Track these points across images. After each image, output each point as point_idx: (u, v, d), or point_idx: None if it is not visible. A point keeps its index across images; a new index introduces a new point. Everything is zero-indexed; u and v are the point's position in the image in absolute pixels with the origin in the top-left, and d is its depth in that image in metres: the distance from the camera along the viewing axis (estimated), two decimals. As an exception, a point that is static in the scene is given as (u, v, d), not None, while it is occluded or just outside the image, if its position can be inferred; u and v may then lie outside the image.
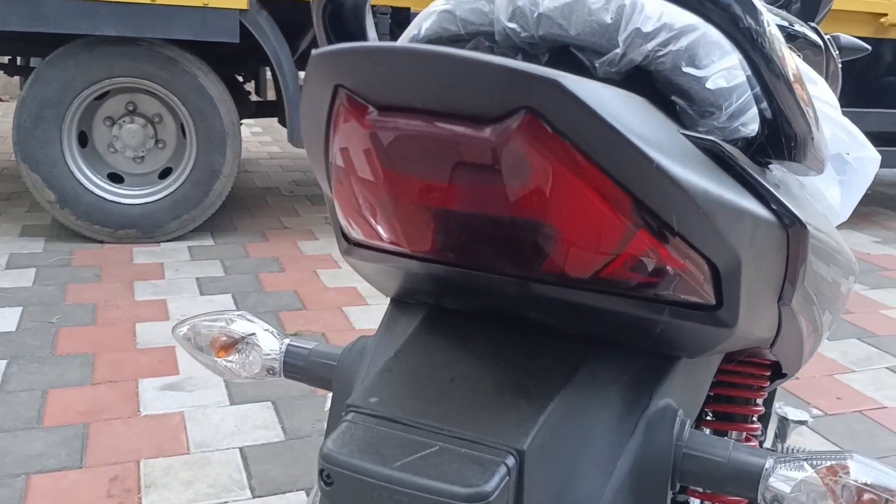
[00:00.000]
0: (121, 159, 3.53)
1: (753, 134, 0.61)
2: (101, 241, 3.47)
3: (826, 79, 1.35)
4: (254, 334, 0.73)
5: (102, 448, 1.94)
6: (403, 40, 0.73)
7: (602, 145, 0.48)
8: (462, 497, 0.49)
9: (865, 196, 5.59)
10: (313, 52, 0.54)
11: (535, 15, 0.64)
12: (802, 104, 0.57)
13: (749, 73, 0.60)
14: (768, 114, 0.57)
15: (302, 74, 4.27)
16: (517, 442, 0.52)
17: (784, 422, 1.40)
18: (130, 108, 3.49)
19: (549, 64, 0.64)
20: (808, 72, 0.79)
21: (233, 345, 0.73)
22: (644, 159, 0.48)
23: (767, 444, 1.32)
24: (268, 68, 4.46)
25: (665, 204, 0.50)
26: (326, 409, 0.84)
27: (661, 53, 0.63)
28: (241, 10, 3.29)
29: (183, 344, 0.77)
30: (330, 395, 0.74)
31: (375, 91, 0.51)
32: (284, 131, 6.39)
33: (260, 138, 6.31)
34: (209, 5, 3.24)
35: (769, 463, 0.58)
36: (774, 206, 0.57)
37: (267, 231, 3.82)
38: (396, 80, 0.50)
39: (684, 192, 0.50)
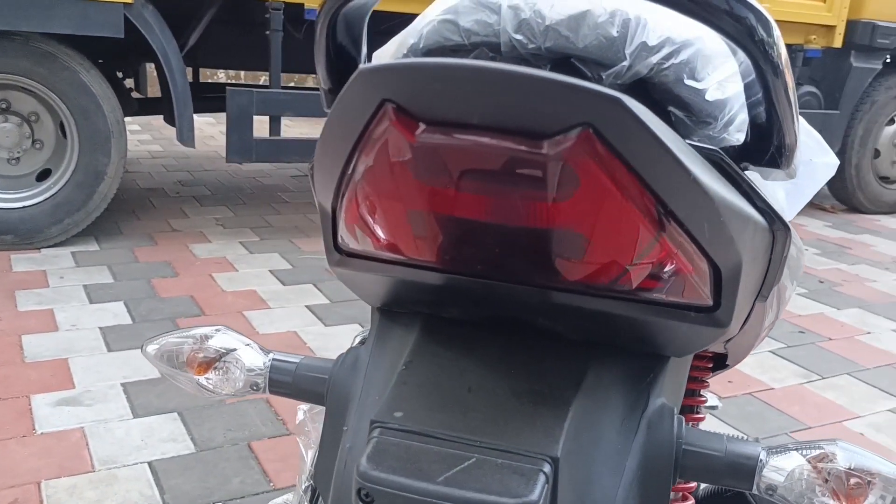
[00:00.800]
0: (-7, 160, 3.31)
1: (740, 142, 0.64)
2: (-26, 249, 3.24)
3: None
4: (235, 350, 0.70)
5: (1, 471, 1.82)
6: (401, 48, 0.72)
7: (650, 161, 0.50)
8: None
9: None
10: (361, 67, 0.52)
11: (543, 27, 0.65)
12: (796, 113, 0.60)
13: (749, 81, 0.63)
14: (762, 122, 0.60)
15: (190, 70, 4.12)
16: (550, 449, 0.53)
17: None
18: (3, 106, 3.27)
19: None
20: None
21: (212, 362, 0.70)
22: (685, 173, 0.50)
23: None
24: (149, 64, 4.29)
25: (695, 214, 0.53)
26: (298, 422, 0.82)
27: (664, 66, 0.65)
28: (126, 4, 3.14)
29: (155, 363, 0.73)
30: (304, 407, 0.72)
31: (429, 106, 0.51)
32: (165, 129, 6.17)
33: (139, 136, 6.05)
34: (91, -2, 3.08)
35: (763, 454, 0.61)
36: (765, 211, 0.60)
37: (155, 234, 3.67)
38: (454, 95, 0.50)
39: (711, 201, 0.52)
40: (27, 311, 2.70)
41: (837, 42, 4.85)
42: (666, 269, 0.55)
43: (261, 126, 3.52)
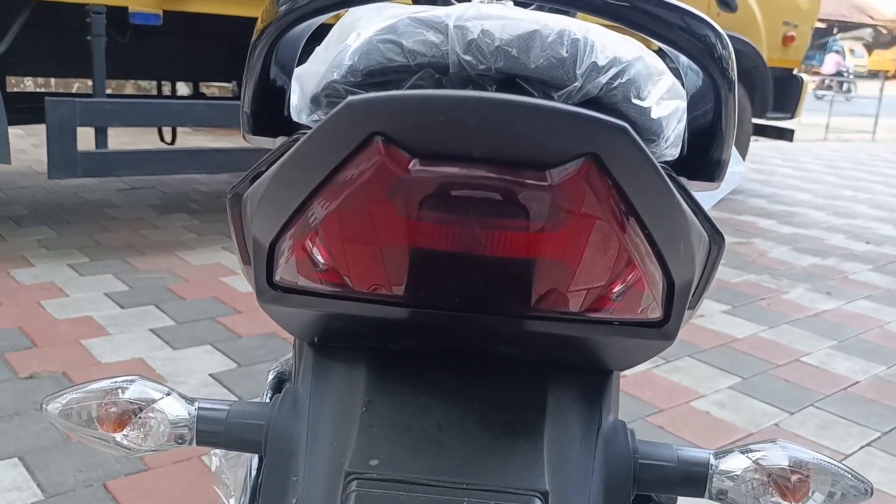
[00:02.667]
0: None
1: (675, 157, 0.65)
2: None
3: None
4: (154, 401, 0.62)
5: None
6: (335, 69, 0.66)
7: (645, 189, 0.49)
8: None
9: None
10: (350, 98, 0.47)
11: (493, 48, 0.62)
12: (734, 128, 0.61)
13: (693, 96, 0.64)
14: (704, 137, 0.61)
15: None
16: (538, 484, 0.51)
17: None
18: None
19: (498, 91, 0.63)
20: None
21: (129, 417, 0.61)
22: (672, 198, 0.49)
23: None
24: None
25: (673, 236, 0.52)
26: (215, 468, 0.75)
27: (613, 86, 0.64)
28: (-80, 7, 2.83)
29: (60, 423, 0.63)
30: (218, 452, 0.65)
31: (427, 140, 0.47)
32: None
33: (-64, 153, 5.47)
34: None
35: (712, 459, 0.62)
36: (707, 223, 0.61)
37: (-32, 260, 3.33)
38: (455, 128, 0.46)
39: (688, 222, 0.52)
40: None
41: (652, 46, 5.17)
42: (634, 288, 0.55)
43: (85, 138, 3.27)
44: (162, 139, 4.77)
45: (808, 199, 6.47)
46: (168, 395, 0.64)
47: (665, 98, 0.67)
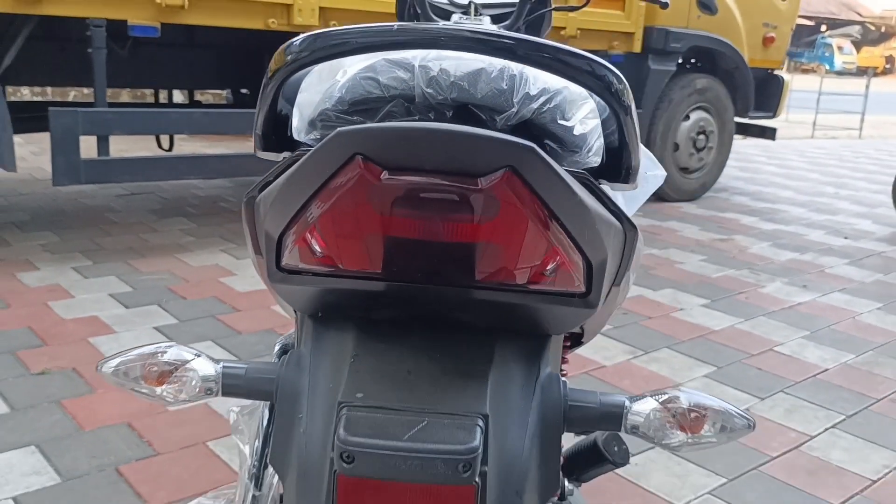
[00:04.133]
0: None
1: (597, 164, 0.79)
2: None
3: None
4: (187, 361, 0.77)
5: None
6: (326, 99, 0.81)
7: (554, 191, 0.64)
8: (461, 452, 0.63)
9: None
10: (339, 129, 0.63)
11: (448, 82, 0.77)
12: (638, 140, 0.76)
13: (605, 118, 0.78)
14: (616, 149, 0.76)
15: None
16: (480, 409, 0.66)
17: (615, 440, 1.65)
18: None
19: (453, 119, 0.78)
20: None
21: (168, 374, 0.76)
22: (576, 198, 0.65)
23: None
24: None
25: (580, 226, 0.67)
26: (233, 422, 0.89)
27: (543, 110, 0.79)
28: (-70, 23, 2.96)
29: (112, 380, 0.78)
30: (234, 409, 0.80)
31: (393, 157, 0.62)
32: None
33: (-62, 161, 5.59)
34: None
35: (627, 402, 0.77)
36: (620, 216, 0.76)
37: (-24, 265, 3.46)
38: (412, 150, 0.61)
39: (591, 215, 0.67)
40: None
41: (637, 47, 5.33)
42: (558, 266, 0.70)
43: (85, 146, 3.41)
44: (160, 146, 4.90)
45: (791, 196, 6.63)
46: (198, 356, 0.78)
47: (586, 118, 0.82)
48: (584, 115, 0.81)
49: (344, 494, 0.67)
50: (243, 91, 5.18)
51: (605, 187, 0.81)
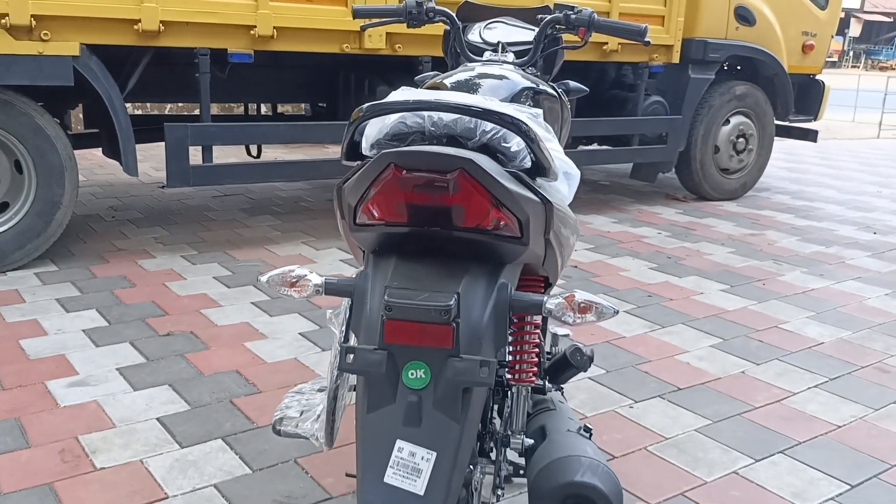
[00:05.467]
0: (-45, 197, 3.75)
1: (527, 167, 1.34)
2: (-54, 276, 3.68)
3: (562, 118, 2.18)
4: (307, 275, 1.35)
5: (40, 433, 2.36)
6: (380, 131, 1.38)
7: (487, 181, 1.20)
8: (444, 305, 1.17)
9: (604, 186, 6.77)
10: (383, 151, 1.19)
11: (443, 124, 1.32)
12: (549, 155, 1.31)
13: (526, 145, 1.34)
14: (535, 160, 1.31)
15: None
16: (457, 289, 1.22)
17: (555, 336, 2.19)
18: (-37, 149, 3.72)
19: (446, 144, 1.33)
20: (548, 135, 1.56)
21: (296, 282, 1.34)
22: (496, 181, 1.20)
23: (547, 347, 2.11)
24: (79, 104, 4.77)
25: (510, 201, 1.22)
26: (328, 318, 1.48)
27: (494, 137, 1.33)
28: (74, 57, 3.67)
29: (266, 287, 1.37)
30: (346, 300, 1.40)
31: (408, 164, 1.18)
32: (83, 161, 6.55)
33: (58, 168, 6.42)
34: (44, 53, 3.59)
35: (545, 299, 1.31)
36: (539, 194, 1.31)
37: (104, 254, 4.17)
38: (418, 161, 1.18)
39: (511, 194, 1.22)
40: (16, 321, 3.20)
41: (675, 58, 5.78)
42: (501, 222, 1.25)
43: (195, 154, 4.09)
44: (249, 153, 5.59)
45: (832, 195, 6.95)
46: (312, 273, 1.36)
47: (518, 143, 1.37)
48: (515, 141, 1.35)
49: (388, 330, 1.20)
50: (321, 105, 5.84)
51: (540, 180, 1.36)
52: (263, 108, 5.73)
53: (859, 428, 2.67)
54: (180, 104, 7.29)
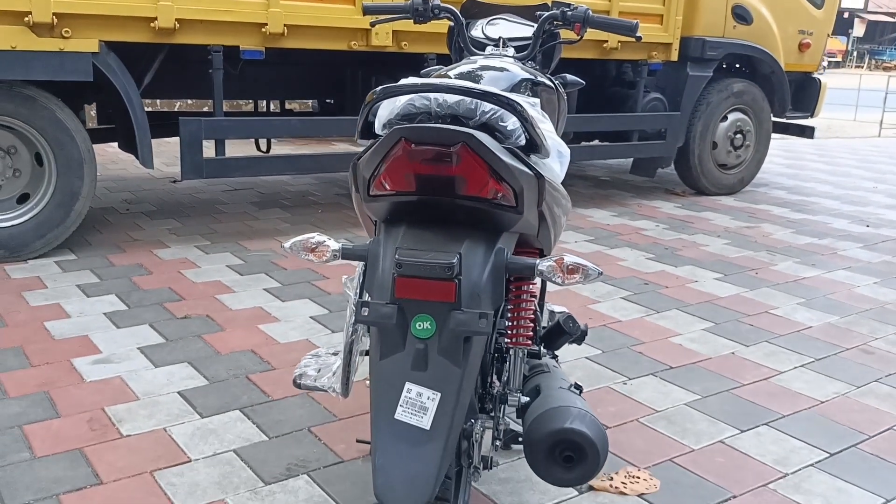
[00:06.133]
0: (-22, 189, 3.91)
1: (523, 143, 1.49)
2: (-29, 263, 3.85)
3: (559, 109, 2.34)
4: (325, 241, 1.50)
5: (69, 404, 2.52)
6: (391, 112, 1.52)
7: (486, 154, 1.35)
8: (447, 263, 1.32)
9: (605, 182, 6.91)
10: (395, 127, 1.34)
11: (447, 105, 1.47)
12: (542, 133, 1.46)
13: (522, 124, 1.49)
14: (530, 138, 1.46)
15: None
16: (459, 250, 1.37)
17: (552, 313, 2.34)
18: (-13, 142, 3.88)
19: (450, 123, 1.47)
20: (541, 117, 1.70)
21: (315, 248, 1.50)
22: (499, 159, 1.35)
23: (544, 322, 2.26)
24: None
25: (506, 172, 1.37)
26: (343, 281, 1.64)
27: (493, 117, 1.48)
28: (93, 53, 3.83)
29: (289, 252, 1.52)
30: (360, 266, 1.55)
31: (416, 138, 1.33)
32: (98, 157, 6.72)
33: (72, 164, 6.58)
34: (65, 50, 3.75)
35: (538, 262, 1.47)
36: (534, 168, 1.46)
37: (121, 244, 4.33)
38: (428, 135, 1.33)
39: (507, 166, 1.37)
40: (39, 305, 3.36)
41: (674, 56, 5.93)
42: (500, 193, 1.40)
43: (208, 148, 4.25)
44: (258, 148, 5.75)
45: (828, 190, 7.09)
46: (331, 239, 1.51)
47: (514, 122, 1.51)
48: (512, 121, 1.51)
49: (398, 286, 1.35)
50: (328, 101, 5.99)
51: (534, 156, 1.51)
52: (272, 106, 5.90)
53: (842, 403, 2.82)
54: (189, 101, 7.45)
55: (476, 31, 2.60)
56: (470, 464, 1.65)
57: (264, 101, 5.70)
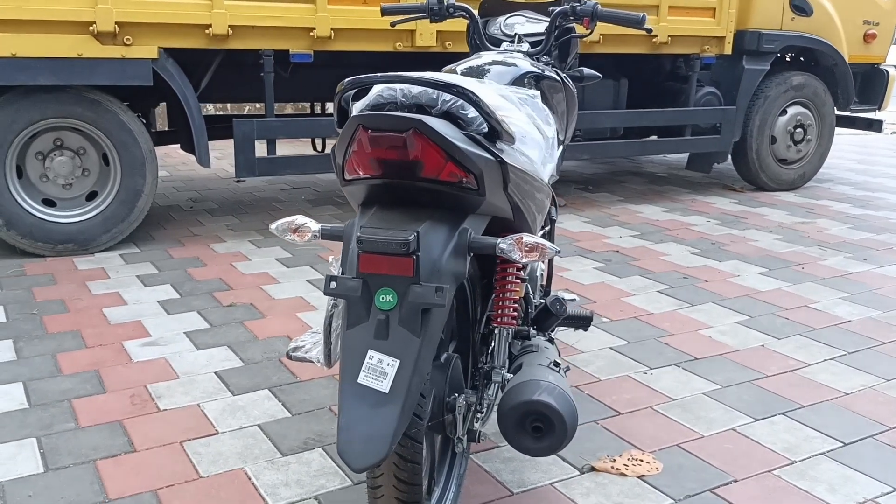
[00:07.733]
0: (52, 187, 4.20)
1: (485, 131, 1.59)
2: (44, 256, 4.15)
3: (567, 101, 2.42)
4: (307, 223, 1.64)
5: (115, 382, 2.74)
6: (363, 103, 1.65)
7: (437, 138, 1.45)
8: (404, 240, 1.42)
9: (661, 178, 6.86)
10: (355, 115, 1.47)
11: (411, 95, 1.57)
12: (500, 120, 1.56)
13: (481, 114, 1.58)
14: (490, 127, 1.56)
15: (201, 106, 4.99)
16: (417, 229, 1.47)
17: (558, 300, 2.42)
18: (58, 143, 4.18)
19: (414, 111, 1.58)
20: (505, 105, 1.79)
21: (297, 229, 1.64)
22: (451, 143, 1.45)
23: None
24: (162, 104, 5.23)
25: (461, 156, 1.47)
26: (330, 260, 1.77)
27: (454, 106, 1.57)
28: (153, 59, 4.08)
29: (275, 231, 1.66)
30: (330, 258, 1.66)
31: (374, 126, 1.44)
32: (168, 158, 7.07)
33: (146, 165, 6.95)
34: (126, 56, 4.01)
35: (499, 241, 1.56)
36: (496, 154, 1.56)
37: (181, 238, 4.59)
38: (382, 122, 1.44)
39: (461, 150, 1.47)
40: (100, 293, 3.62)
41: (727, 50, 5.87)
42: (463, 178, 1.50)
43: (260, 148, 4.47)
44: (314, 148, 5.96)
45: (897, 185, 6.87)
46: (312, 220, 1.64)
47: (474, 110, 1.60)
48: (472, 110, 1.60)
49: (362, 261, 1.45)
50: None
51: (501, 144, 1.61)
52: (317, 108, 6.11)
53: (866, 395, 2.79)
54: (247, 106, 7.74)
55: (494, 28, 2.70)
56: (455, 434, 1.75)
57: (319, 104, 5.90)
